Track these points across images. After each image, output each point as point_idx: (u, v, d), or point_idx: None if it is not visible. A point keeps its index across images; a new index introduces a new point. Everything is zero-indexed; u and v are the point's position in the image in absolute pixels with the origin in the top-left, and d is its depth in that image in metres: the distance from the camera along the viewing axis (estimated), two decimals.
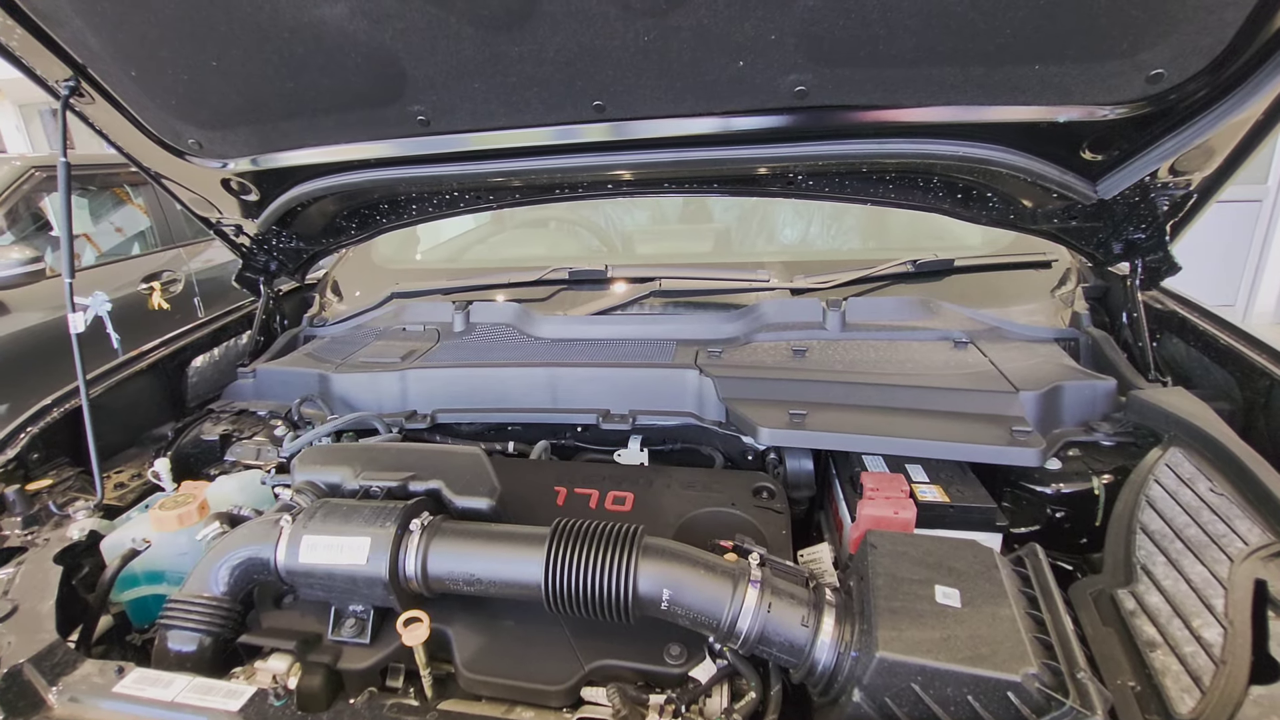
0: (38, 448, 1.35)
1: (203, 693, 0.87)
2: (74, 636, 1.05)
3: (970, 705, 0.78)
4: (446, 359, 1.63)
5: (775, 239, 2.48)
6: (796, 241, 2.47)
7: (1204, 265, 5.97)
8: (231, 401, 1.70)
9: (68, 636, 0.99)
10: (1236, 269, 6.12)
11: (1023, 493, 1.27)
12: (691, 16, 1.07)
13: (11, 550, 1.16)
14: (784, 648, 0.88)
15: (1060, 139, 1.24)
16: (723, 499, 1.27)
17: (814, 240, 2.45)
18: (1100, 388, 1.38)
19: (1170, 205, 1.39)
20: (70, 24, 1.17)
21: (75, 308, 1.32)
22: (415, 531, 1.00)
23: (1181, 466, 1.14)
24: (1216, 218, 5.80)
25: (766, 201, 2.43)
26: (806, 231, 2.48)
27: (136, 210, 4.38)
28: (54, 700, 0.87)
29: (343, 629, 1.02)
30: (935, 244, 2.15)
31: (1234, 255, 6.06)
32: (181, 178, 1.56)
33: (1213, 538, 0.98)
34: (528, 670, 0.97)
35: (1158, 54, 1.05)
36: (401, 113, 1.32)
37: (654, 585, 0.91)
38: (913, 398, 1.36)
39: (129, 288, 3.94)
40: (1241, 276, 6.15)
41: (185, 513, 1.19)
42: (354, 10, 1.10)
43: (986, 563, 0.92)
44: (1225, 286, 6.15)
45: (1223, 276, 6.12)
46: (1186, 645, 0.84)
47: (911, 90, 1.18)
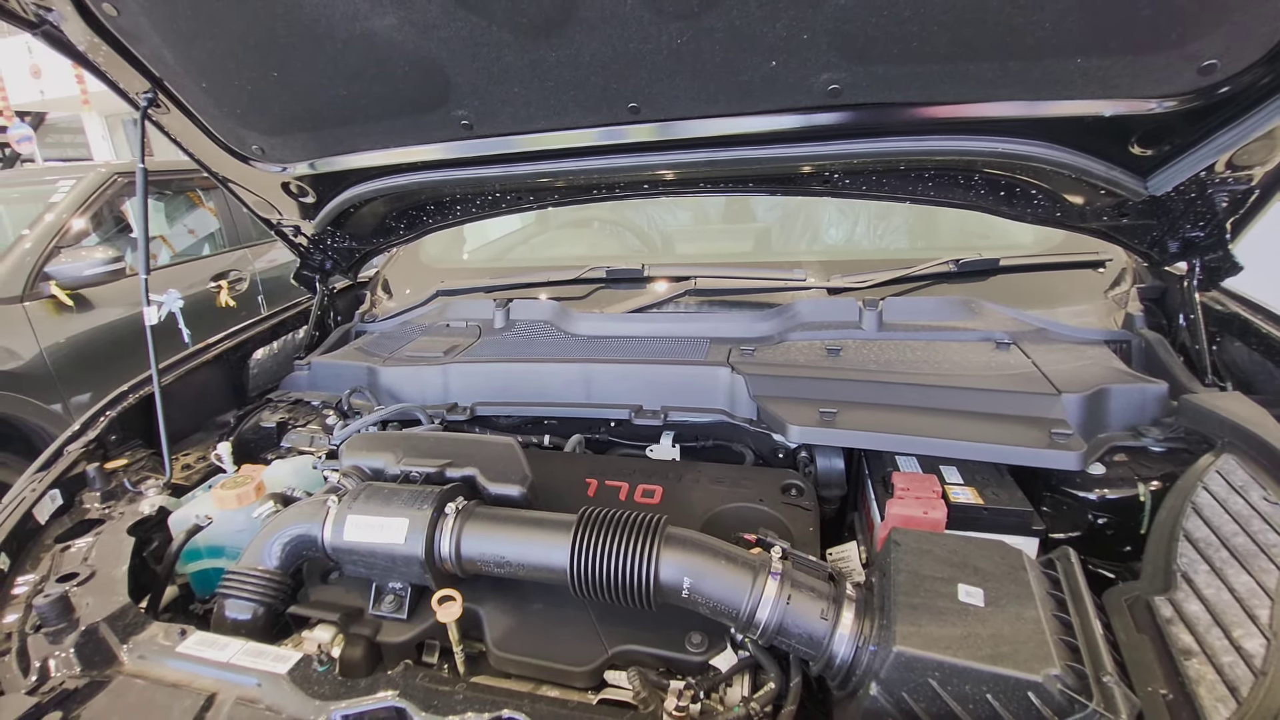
0: (115, 430, 1.47)
1: (254, 656, 0.94)
2: (143, 604, 1.15)
3: (989, 704, 0.77)
4: (486, 354, 1.69)
5: (819, 239, 2.45)
6: (842, 241, 2.43)
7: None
8: (288, 392, 1.80)
9: (138, 603, 1.08)
10: None
11: (1064, 498, 1.24)
12: (723, 18, 1.09)
13: (91, 522, 1.27)
14: (803, 639, 0.88)
15: (1107, 133, 1.20)
16: (751, 495, 1.28)
17: (860, 240, 2.41)
18: (1150, 391, 1.32)
19: (1230, 202, 1.33)
20: (149, 40, 1.28)
21: (150, 302, 1.43)
22: (450, 515, 1.05)
23: (1234, 474, 1.09)
24: None
25: (810, 201, 2.41)
26: (852, 231, 2.44)
27: (208, 213, 4.66)
28: (125, 657, 0.96)
29: (382, 604, 1.08)
30: (985, 243, 2.09)
31: None
32: (246, 181, 1.67)
33: (1262, 547, 0.93)
34: (554, 651, 1.00)
35: (1209, 44, 1.02)
36: (446, 117, 1.38)
37: (675, 573, 0.93)
38: (948, 398, 1.34)
39: (199, 286, 4.19)
40: None
41: (243, 493, 1.28)
42: (401, 21, 1.17)
43: (1014, 563, 0.91)
44: None
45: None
46: (1225, 655, 0.81)
47: (947, 86, 1.17)
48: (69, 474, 1.32)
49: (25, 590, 1.09)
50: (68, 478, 1.31)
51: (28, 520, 1.21)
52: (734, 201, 2.67)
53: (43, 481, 1.27)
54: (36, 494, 1.24)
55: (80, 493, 1.33)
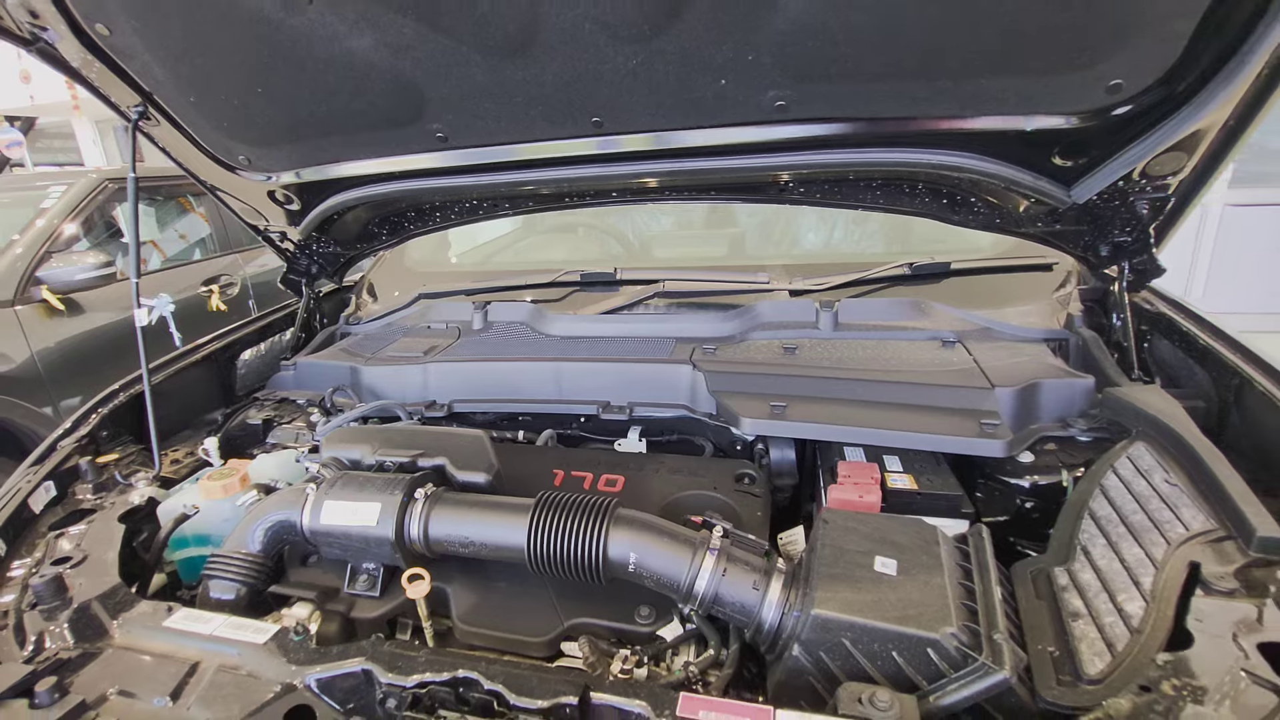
0: (106, 426, 1.55)
1: (235, 629, 1.01)
2: (133, 589, 1.22)
3: (895, 660, 0.86)
4: (464, 354, 1.77)
5: (795, 244, 2.53)
6: (820, 247, 2.52)
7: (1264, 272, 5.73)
8: (274, 391, 1.88)
9: (130, 587, 1.16)
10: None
11: (995, 484, 1.33)
12: (674, 41, 1.18)
13: (83, 511, 1.34)
14: (736, 608, 0.97)
15: (1031, 146, 1.30)
16: (706, 483, 1.37)
17: (837, 245, 2.50)
18: (1078, 385, 1.42)
19: (1151, 209, 1.43)
20: (140, 58, 1.36)
21: (140, 304, 1.51)
22: (419, 499, 1.13)
23: (1142, 459, 1.18)
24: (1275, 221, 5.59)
25: (787, 208, 2.50)
26: (830, 237, 2.53)
27: (199, 218, 4.73)
28: (115, 631, 1.03)
29: (357, 583, 1.16)
30: (947, 247, 2.18)
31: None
32: (234, 190, 1.75)
33: (1156, 523, 1.03)
34: (514, 624, 1.09)
35: (1115, 65, 1.12)
36: (422, 130, 1.47)
37: (622, 550, 1.02)
38: (892, 392, 1.44)
39: (190, 291, 4.25)
40: None
41: (229, 484, 1.36)
42: (377, 42, 1.25)
43: (928, 539, 1.00)
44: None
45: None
46: (1107, 616, 0.90)
47: (883, 103, 1.27)
48: (62, 467, 1.39)
49: (21, 573, 1.16)
50: (61, 470, 1.39)
51: (23, 510, 1.28)
52: (715, 208, 2.76)
53: (38, 474, 1.35)
54: (31, 485, 1.31)
55: (73, 485, 1.40)
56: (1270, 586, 0.88)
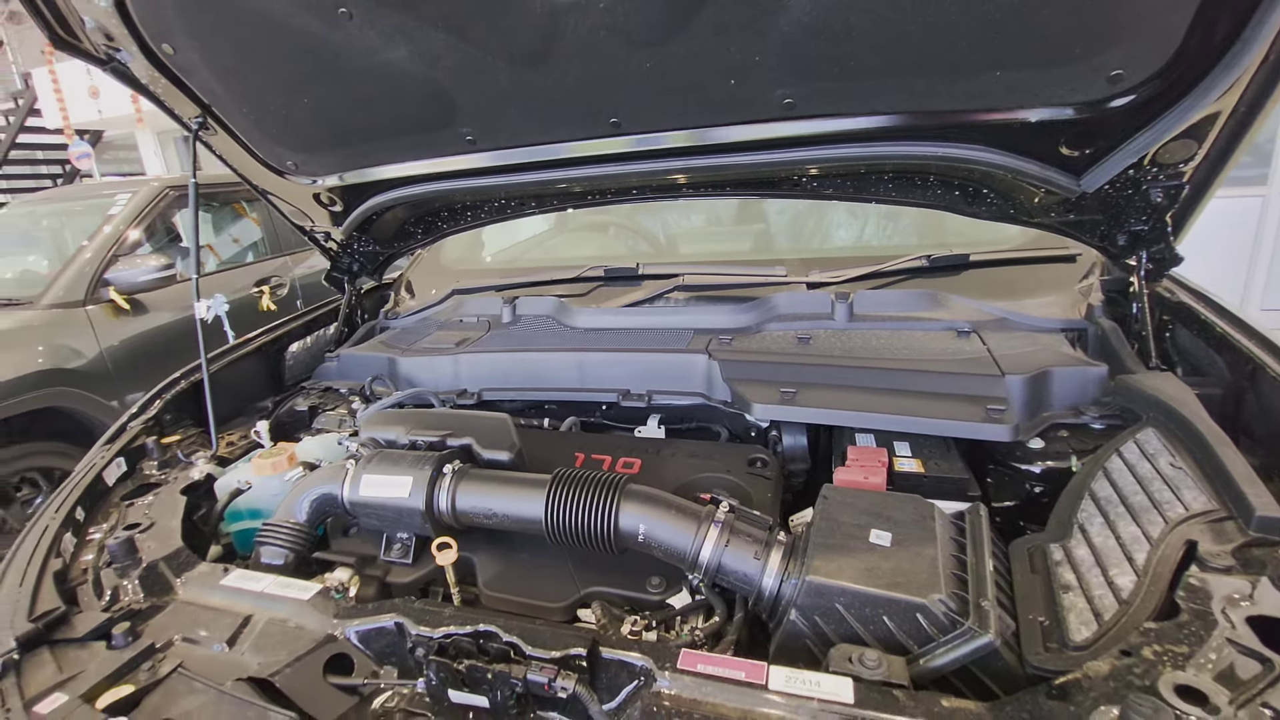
0: (170, 410, 1.70)
1: (283, 587, 1.12)
2: None
3: (885, 624, 0.91)
4: (492, 345, 1.87)
5: (828, 239, 2.53)
6: (849, 242, 2.53)
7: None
8: (319, 381, 2.01)
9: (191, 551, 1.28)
10: None
11: (1005, 469, 1.35)
12: (684, 45, 1.25)
13: (150, 485, 1.48)
14: (739, 577, 1.03)
15: (1037, 137, 1.33)
16: (719, 466, 1.43)
17: (868, 240, 2.50)
18: (1091, 374, 1.43)
19: (1165, 197, 1.43)
20: (200, 74, 1.50)
21: (199, 300, 1.65)
22: (447, 474, 1.23)
23: (1150, 444, 1.20)
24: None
25: (817, 204, 2.50)
26: (861, 233, 2.55)
27: (251, 223, 4.99)
28: (179, 587, 1.15)
29: (391, 551, 1.26)
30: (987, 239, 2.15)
31: None
32: (283, 193, 1.89)
33: (1156, 504, 1.05)
34: (535, 591, 1.17)
35: (1113, 56, 1.14)
36: (453, 134, 1.57)
37: (632, 522, 1.09)
38: (901, 379, 1.47)
39: (243, 291, 4.50)
40: None
41: (278, 462, 1.48)
42: (410, 54, 1.36)
43: (924, 514, 1.04)
44: None
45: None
46: (1098, 589, 0.93)
47: (886, 99, 1.31)
48: (131, 445, 1.54)
49: (99, 537, 1.30)
50: (131, 448, 1.53)
51: (98, 482, 1.42)
52: (744, 205, 2.79)
53: (111, 451, 1.50)
54: (105, 461, 1.46)
55: (141, 461, 1.55)
56: (1267, 565, 0.90)
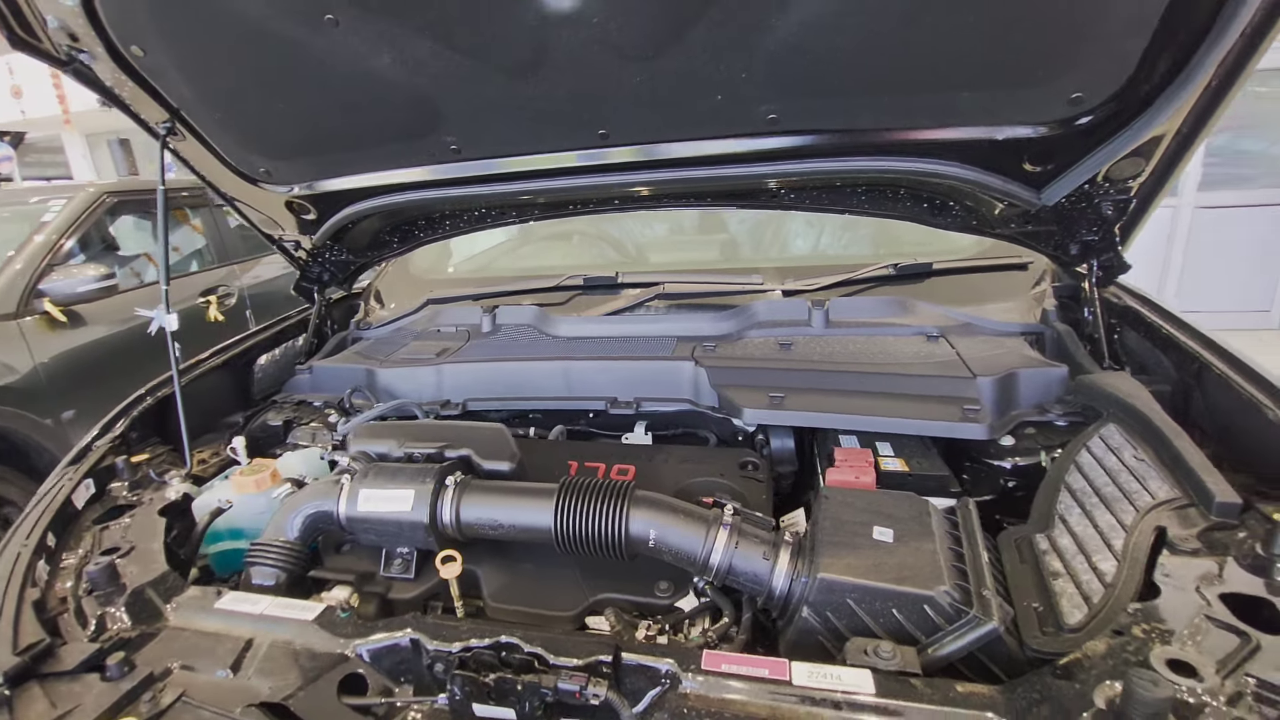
0: (136, 428, 1.62)
1: (284, 608, 1.09)
2: None
3: (895, 617, 0.96)
4: (476, 355, 1.86)
5: (787, 248, 2.64)
6: (807, 251, 2.64)
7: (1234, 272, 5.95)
8: (291, 394, 1.95)
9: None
10: (1272, 274, 6.05)
11: (981, 466, 1.44)
12: (674, 61, 1.28)
13: (122, 507, 1.41)
14: (749, 578, 1.06)
15: (1002, 153, 1.42)
16: (713, 470, 1.46)
17: (825, 249, 2.61)
18: (1053, 374, 1.53)
19: (1115, 209, 1.55)
20: (170, 77, 1.44)
21: (169, 309, 1.58)
22: (450, 486, 1.21)
23: (1113, 438, 1.30)
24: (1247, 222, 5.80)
25: (777, 214, 2.61)
26: (817, 241, 2.65)
27: (193, 230, 4.76)
28: (169, 613, 1.10)
29: (391, 567, 1.24)
30: (930, 248, 2.30)
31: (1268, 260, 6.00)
32: (252, 200, 1.83)
33: (1126, 494, 1.14)
34: (542, 601, 1.17)
35: (1073, 79, 1.23)
36: (437, 142, 1.56)
37: (642, 527, 1.11)
38: (881, 383, 1.54)
39: (186, 302, 4.29)
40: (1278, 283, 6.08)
41: (261, 478, 1.43)
42: (395, 61, 1.34)
43: (920, 510, 1.10)
44: (1258, 292, 6.08)
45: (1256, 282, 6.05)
46: (1084, 575, 1.00)
47: (865, 115, 1.38)
48: (99, 466, 1.46)
49: (73, 563, 1.23)
50: (99, 469, 1.45)
51: (67, 505, 1.35)
52: (706, 214, 2.87)
53: (78, 472, 1.41)
54: (74, 482, 1.38)
55: (110, 482, 1.47)
56: (1230, 546, 0.99)
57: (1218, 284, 6.06)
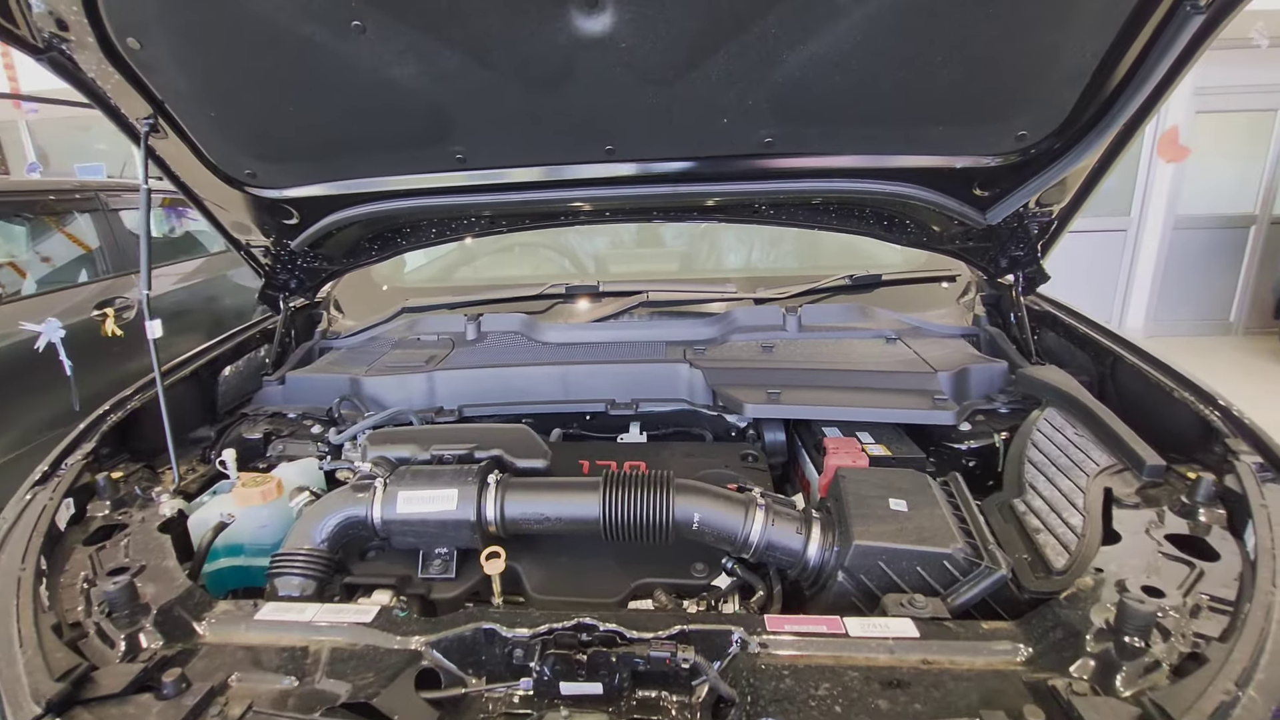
0: (108, 443, 1.50)
1: (334, 613, 1.07)
2: None
3: (919, 573, 1.11)
4: (467, 361, 1.87)
5: (725, 260, 2.90)
6: (743, 263, 2.89)
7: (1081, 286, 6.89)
8: (262, 406, 1.86)
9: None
10: (1110, 290, 7.08)
11: (944, 449, 1.64)
12: (691, 86, 1.40)
13: (109, 528, 1.31)
14: (785, 552, 1.18)
15: (958, 179, 1.65)
16: (718, 463, 1.57)
17: (757, 261, 2.88)
18: (996, 369, 1.78)
19: (1039, 229, 1.83)
20: (166, 72, 1.38)
21: (150, 318, 1.49)
22: (492, 484, 1.24)
23: (1055, 419, 1.54)
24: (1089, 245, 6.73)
25: (714, 227, 2.85)
26: (750, 254, 2.90)
27: (64, 237, 4.27)
28: (203, 630, 1.06)
29: (431, 568, 1.25)
30: (862, 262, 2.56)
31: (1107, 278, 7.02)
32: (227, 203, 1.74)
33: (1075, 463, 1.36)
34: (585, 590, 1.23)
35: (1021, 120, 1.47)
36: (444, 151, 1.58)
37: (686, 512, 1.20)
38: (859, 379, 1.73)
39: (75, 314, 3.85)
40: (1114, 297, 7.12)
41: (267, 489, 1.38)
42: (420, 71, 1.37)
43: (922, 484, 1.27)
44: (1100, 305, 7.08)
45: (1098, 296, 7.05)
46: (1059, 529, 1.20)
47: (850, 142, 1.56)
48: (77, 484, 1.34)
49: (75, 586, 1.13)
50: (76, 488, 1.34)
51: (51, 527, 1.23)
52: (645, 228, 3.04)
53: (57, 491, 1.30)
54: (55, 502, 1.26)
55: (89, 502, 1.36)
56: (1161, 499, 1.23)
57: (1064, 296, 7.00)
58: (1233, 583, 1.00)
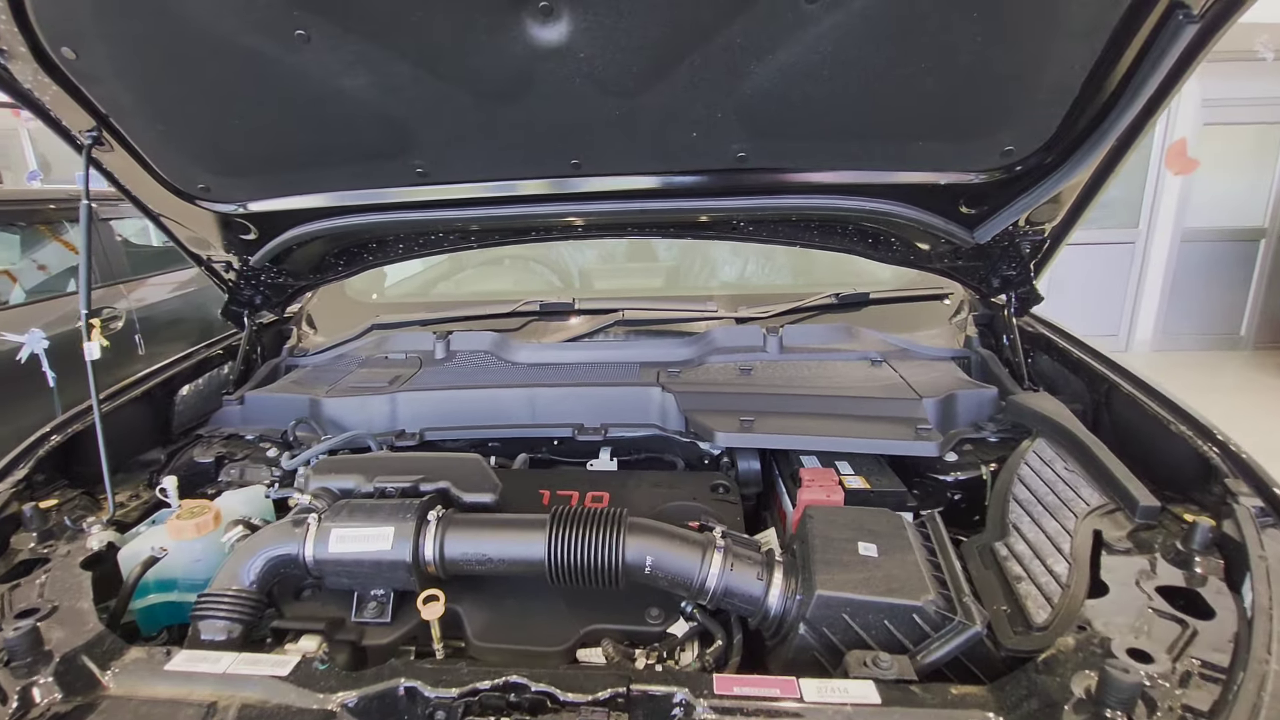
0: (43, 470, 1.43)
1: (250, 664, 0.99)
2: None
3: (886, 627, 1.01)
4: (432, 382, 1.79)
5: (716, 275, 2.80)
6: (735, 278, 2.80)
7: (1089, 299, 6.77)
8: (219, 428, 1.79)
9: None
10: (1118, 302, 6.93)
11: (929, 481, 1.55)
12: (655, 98, 1.33)
13: (31, 562, 1.23)
14: (744, 599, 1.09)
15: (943, 196, 1.57)
16: (685, 494, 1.48)
17: (750, 276, 2.78)
18: (986, 395, 1.69)
19: (1031, 248, 1.75)
20: (106, 84, 1.32)
21: (90, 338, 1.42)
22: (432, 521, 1.16)
23: (1045, 452, 1.44)
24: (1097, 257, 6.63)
25: (707, 242, 2.75)
26: (744, 269, 2.81)
27: (62, 246, 4.27)
28: (109, 681, 0.98)
29: (365, 611, 1.16)
30: (854, 279, 2.49)
31: (1115, 291, 6.88)
32: (183, 217, 1.68)
33: (1064, 502, 1.27)
34: (530, 637, 1.14)
35: (1006, 135, 1.39)
36: (403, 165, 1.51)
37: (638, 554, 1.11)
38: (840, 405, 1.64)
39: (61, 324, 3.82)
40: (1122, 310, 6.98)
41: (202, 522, 1.30)
42: (370, 83, 1.30)
43: (896, 525, 1.18)
44: (1107, 319, 6.94)
45: (1106, 309, 6.90)
46: (1042, 577, 1.11)
47: (827, 158, 1.48)
48: (1, 514, 1.27)
49: None
50: (0, 519, 1.27)
51: None
52: (637, 242, 2.96)
53: None
54: None
55: (13, 534, 1.29)
56: (1155, 545, 1.13)
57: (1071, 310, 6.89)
58: (1227, 645, 0.90)
